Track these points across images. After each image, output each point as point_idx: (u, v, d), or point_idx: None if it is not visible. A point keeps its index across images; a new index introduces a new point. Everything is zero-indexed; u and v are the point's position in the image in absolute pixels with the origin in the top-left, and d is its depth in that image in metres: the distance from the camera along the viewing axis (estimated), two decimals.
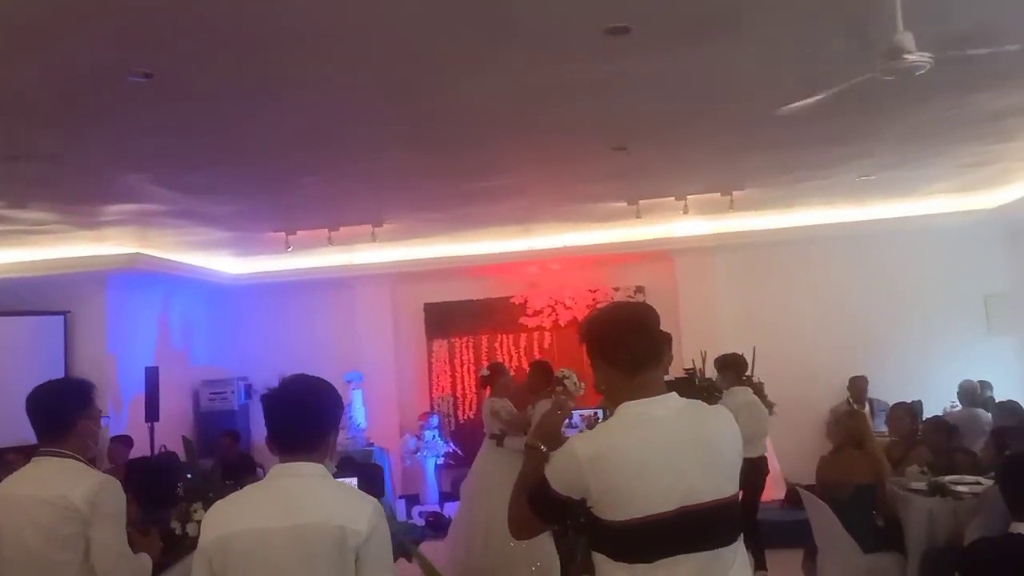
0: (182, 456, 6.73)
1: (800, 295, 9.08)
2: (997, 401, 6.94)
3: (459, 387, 9.86)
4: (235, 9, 3.06)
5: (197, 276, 8.88)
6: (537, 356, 9.06)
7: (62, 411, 2.66)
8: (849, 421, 5.28)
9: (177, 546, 3.79)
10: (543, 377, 6.39)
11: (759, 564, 6.29)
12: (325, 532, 1.94)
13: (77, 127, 4.27)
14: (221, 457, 7.23)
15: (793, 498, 7.47)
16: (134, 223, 6.82)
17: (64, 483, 2.54)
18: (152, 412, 7.83)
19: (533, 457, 2.10)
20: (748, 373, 6.96)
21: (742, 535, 1.98)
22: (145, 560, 2.74)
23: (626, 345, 1.99)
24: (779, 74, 4.15)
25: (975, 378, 7.58)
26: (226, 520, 1.99)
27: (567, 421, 2.75)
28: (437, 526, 7.90)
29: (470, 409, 9.82)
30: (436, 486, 9.12)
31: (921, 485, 4.82)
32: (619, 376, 2.00)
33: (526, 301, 9.65)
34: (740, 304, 9.16)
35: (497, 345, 9.75)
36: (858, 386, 8.04)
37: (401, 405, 9.69)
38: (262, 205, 6.56)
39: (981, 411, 7.02)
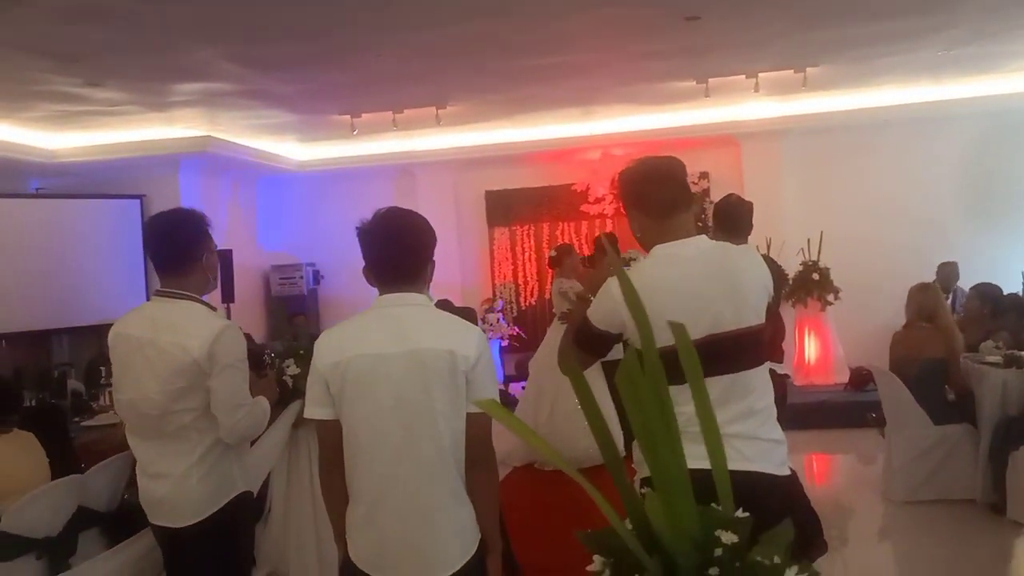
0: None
1: (871, 181, 8.85)
2: None
3: (521, 274, 9.98)
4: None
5: (265, 161, 8.99)
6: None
7: (188, 242, 2.57)
8: (919, 295, 5.21)
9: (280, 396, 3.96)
10: (601, 257, 6.49)
11: None
12: (438, 357, 2.03)
13: None
14: (294, 336, 7.50)
15: (856, 381, 7.51)
16: (203, 104, 6.91)
17: (183, 331, 2.46)
18: (227, 293, 8.11)
19: (583, 304, 2.32)
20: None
21: (767, 362, 2.15)
22: (264, 404, 2.69)
23: (654, 192, 2.15)
24: None
25: None
26: (340, 346, 2.09)
27: None
28: (503, 403, 8.15)
29: (531, 296, 9.96)
30: (500, 367, 9.36)
31: (996, 358, 4.79)
32: (650, 222, 2.17)
33: (587, 188, 9.58)
34: (808, 191, 8.97)
35: (558, 233, 9.77)
36: (946, 272, 7.80)
37: (464, 291, 9.84)
38: (328, 84, 6.56)
39: None
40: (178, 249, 2.56)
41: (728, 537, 1.11)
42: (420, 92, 6.99)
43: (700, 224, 8.82)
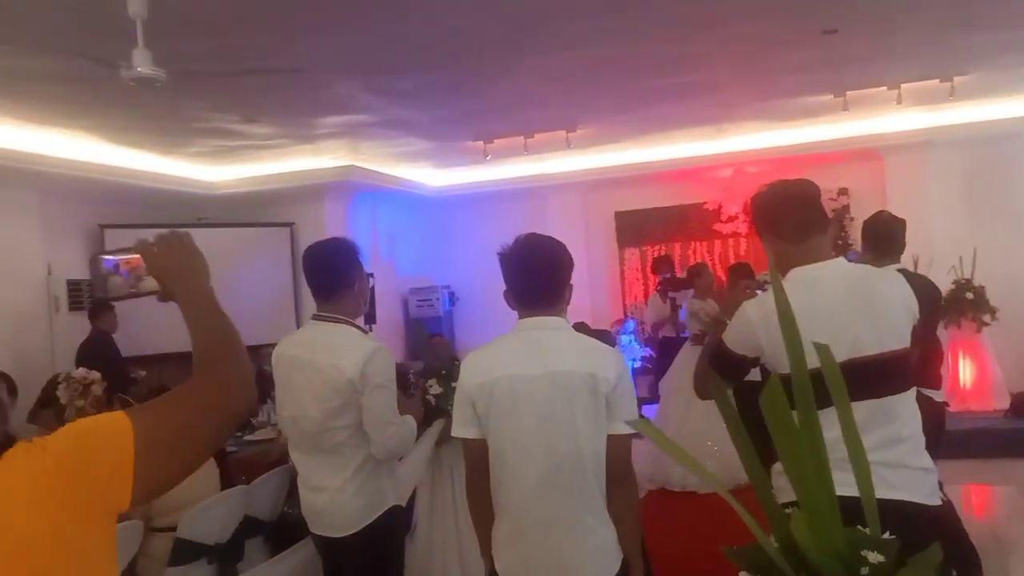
0: None
1: None
2: None
3: (652, 295, 9.89)
4: None
5: (402, 188, 9.40)
6: (732, 263, 8.89)
7: (342, 269, 2.72)
8: None
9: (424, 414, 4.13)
10: (744, 281, 6.33)
11: None
12: (579, 379, 2.09)
13: (303, 35, 4.62)
14: (434, 357, 7.76)
15: (1018, 406, 7.00)
16: (347, 135, 7.32)
17: (338, 353, 2.60)
18: (371, 316, 8.50)
19: (719, 328, 2.31)
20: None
21: (913, 386, 2.07)
22: (411, 422, 2.82)
23: (789, 216, 2.13)
24: None
25: None
26: (486, 368, 2.18)
27: None
28: None
29: None
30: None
31: None
32: (785, 246, 2.14)
33: (720, 207, 9.44)
34: (958, 205, 8.47)
35: (690, 252, 9.66)
36: None
37: (594, 312, 9.85)
38: (461, 112, 6.80)
39: None
40: (333, 276, 2.73)
41: (875, 557, 1.11)
42: (550, 116, 7.13)
43: (840, 243, 8.52)
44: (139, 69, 3.77)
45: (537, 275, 2.20)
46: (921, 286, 3.62)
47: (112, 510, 1.04)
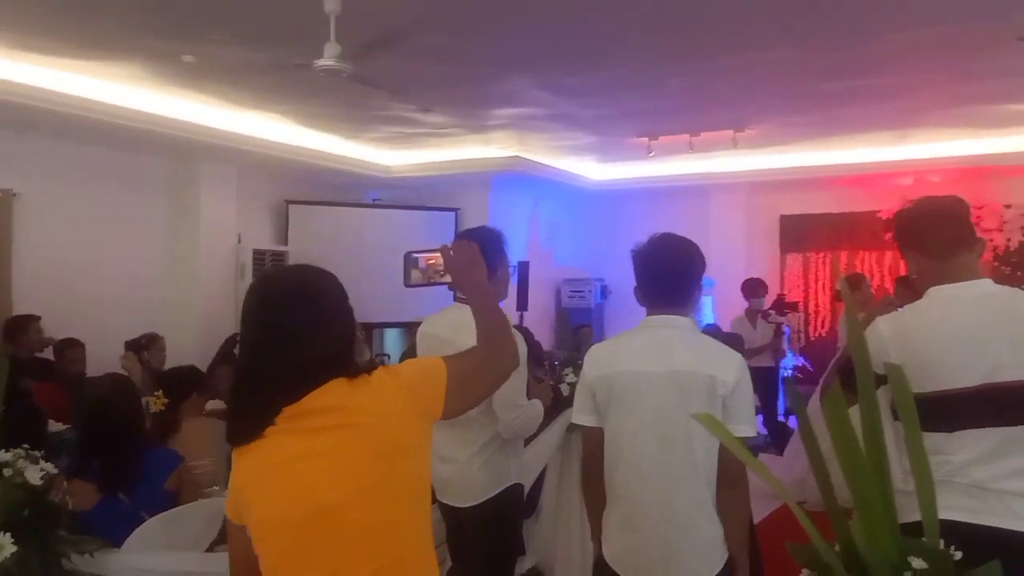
0: None
1: None
2: None
3: (812, 302, 9.59)
4: None
5: (564, 180, 9.56)
6: (900, 275, 8.44)
7: (489, 254, 2.84)
8: None
9: (556, 402, 4.31)
10: (911, 294, 6.04)
11: None
12: (698, 379, 2.15)
13: (482, 35, 4.86)
14: (577, 347, 7.91)
15: None
16: (515, 127, 7.55)
17: (474, 334, 2.88)
18: (522, 302, 8.74)
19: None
20: None
21: None
22: (538, 407, 2.95)
23: (935, 231, 2.13)
24: None
25: None
26: (608, 360, 2.29)
27: None
28: (781, 436, 7.89)
29: (822, 326, 9.53)
30: (782, 397, 9.05)
31: None
32: (929, 262, 2.14)
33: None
34: None
35: (858, 262, 9.27)
36: None
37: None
38: (628, 109, 6.85)
39: None
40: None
41: (918, 563, 1.14)
42: (718, 116, 7.05)
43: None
44: (329, 61, 4.13)
45: (668, 275, 2.28)
46: None
47: (430, 417, 1.61)
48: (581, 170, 9.77)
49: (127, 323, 6.52)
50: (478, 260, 1.87)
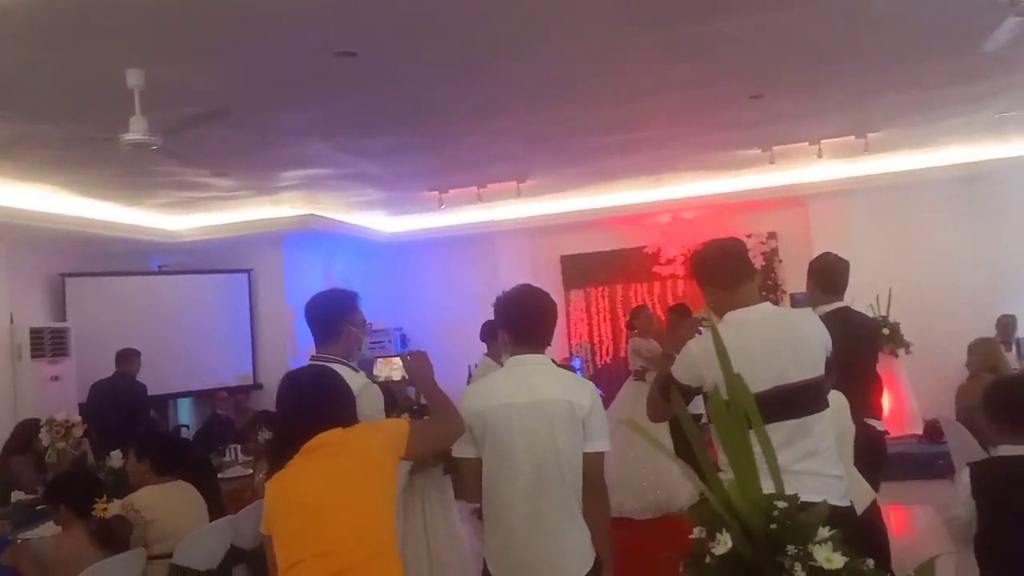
0: None
1: (939, 236, 9.03)
2: None
3: (596, 334, 10.39)
4: None
5: (357, 234, 9.74)
6: (671, 304, 9.43)
7: (332, 316, 3.06)
8: (981, 347, 5.48)
9: None
10: (683, 320, 6.80)
11: None
12: (559, 405, 2.49)
13: (286, 102, 5.00)
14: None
15: (931, 432, 7.65)
16: (307, 187, 7.66)
17: None
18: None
19: (668, 361, 2.75)
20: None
21: (827, 408, 2.56)
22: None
23: (723, 268, 2.61)
24: (915, 14, 4.35)
25: None
26: (482, 398, 2.58)
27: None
28: None
29: (607, 355, 10.35)
30: None
31: None
32: (721, 293, 2.62)
33: (659, 250, 10.01)
34: (876, 247, 9.17)
35: (631, 294, 10.19)
36: (1004, 324, 8.02)
37: None
38: (420, 166, 7.22)
39: None
40: (325, 325, 3.09)
41: (781, 503, 1.56)
42: (503, 169, 7.61)
43: (769, 283, 9.21)
44: (136, 135, 4.11)
45: (528, 321, 2.63)
46: (861, 324, 4.12)
47: (397, 451, 2.34)
48: (373, 224, 9.99)
49: None
50: (427, 363, 2.68)
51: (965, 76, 5.70)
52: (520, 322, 2.63)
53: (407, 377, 2.72)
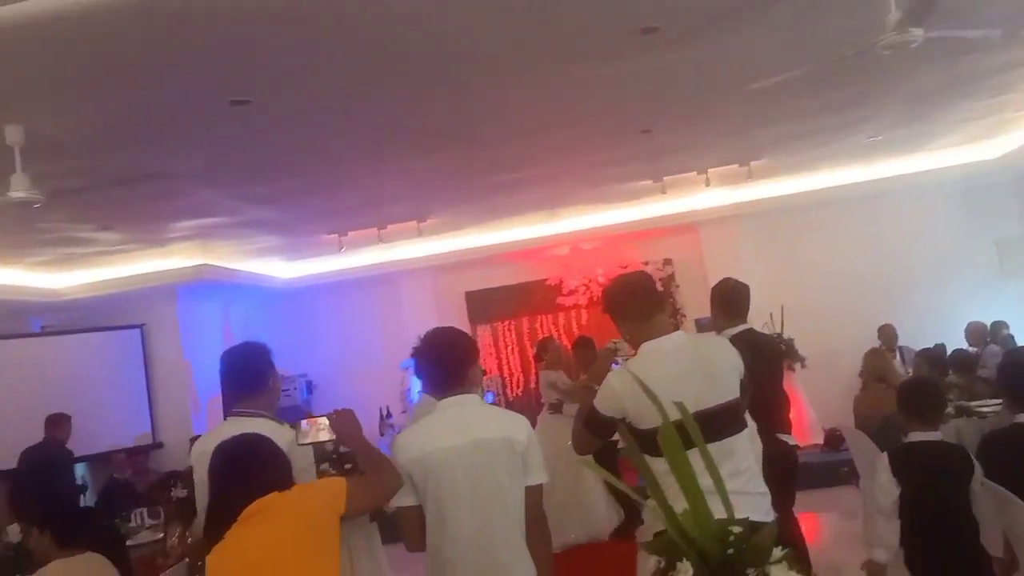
0: None
1: (821, 255, 9.52)
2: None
3: (505, 367, 10.41)
4: (315, 38, 3.61)
5: (254, 282, 9.49)
6: (576, 333, 9.56)
7: (257, 369, 2.98)
8: (870, 359, 5.82)
9: None
10: (588, 352, 6.89)
11: None
12: (497, 443, 2.52)
13: (175, 151, 4.86)
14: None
15: (831, 441, 8.00)
16: (199, 237, 7.43)
17: None
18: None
19: (589, 393, 2.80)
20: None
21: (746, 428, 2.65)
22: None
23: (634, 302, 2.71)
24: (788, 55, 4.63)
25: (992, 319, 8.07)
26: (418, 444, 2.55)
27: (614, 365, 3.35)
28: None
29: (517, 387, 10.39)
30: None
31: (949, 409, 5.33)
32: (634, 325, 2.70)
33: (561, 282, 10.16)
34: (765, 268, 9.57)
35: (537, 326, 10.28)
36: (887, 333, 8.52)
37: None
38: (318, 210, 7.13)
39: (995, 347, 7.52)
40: (251, 378, 2.98)
41: (736, 527, 1.61)
42: (402, 210, 7.59)
43: (674, 321, 9.48)
44: (20, 192, 3.90)
45: (448, 363, 2.62)
46: (767, 345, 4.29)
47: (339, 514, 2.36)
48: (271, 271, 9.77)
49: None
50: (354, 420, 2.65)
51: (835, 107, 6.08)
52: (440, 371, 2.64)
53: (335, 437, 2.68)
